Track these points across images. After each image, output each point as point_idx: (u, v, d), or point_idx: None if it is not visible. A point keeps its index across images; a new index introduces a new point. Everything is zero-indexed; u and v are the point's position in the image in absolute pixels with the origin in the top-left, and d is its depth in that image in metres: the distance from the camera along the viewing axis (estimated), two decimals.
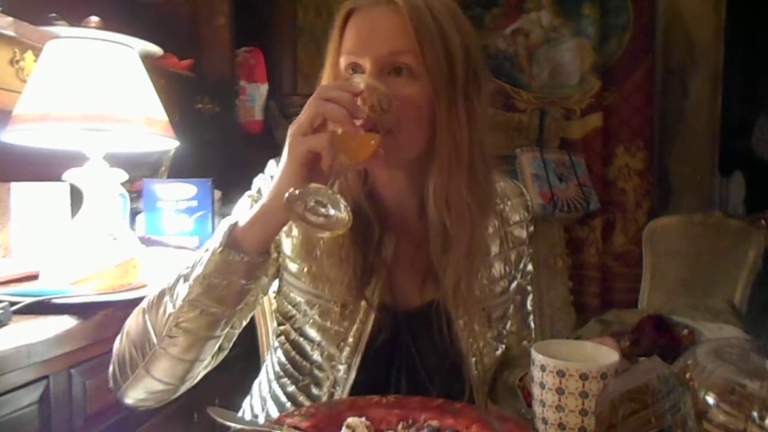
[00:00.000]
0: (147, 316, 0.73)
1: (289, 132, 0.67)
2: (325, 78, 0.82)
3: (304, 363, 0.86)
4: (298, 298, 0.85)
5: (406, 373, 0.85)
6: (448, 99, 0.76)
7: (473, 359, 0.86)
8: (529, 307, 0.98)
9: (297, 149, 0.66)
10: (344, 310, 0.82)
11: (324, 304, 0.83)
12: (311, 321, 0.84)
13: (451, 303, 0.83)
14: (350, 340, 0.82)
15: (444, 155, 0.77)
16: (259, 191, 0.88)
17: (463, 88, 0.77)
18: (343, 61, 0.79)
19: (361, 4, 0.79)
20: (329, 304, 0.82)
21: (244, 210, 0.85)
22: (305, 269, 0.84)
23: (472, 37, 0.81)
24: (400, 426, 0.68)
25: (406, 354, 0.85)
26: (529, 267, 0.97)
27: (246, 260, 0.70)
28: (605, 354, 0.67)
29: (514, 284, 0.93)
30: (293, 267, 0.85)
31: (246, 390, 0.99)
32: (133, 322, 0.75)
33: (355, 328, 0.82)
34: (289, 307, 0.87)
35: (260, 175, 0.90)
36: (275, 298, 0.92)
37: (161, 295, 0.73)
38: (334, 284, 0.82)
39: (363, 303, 0.82)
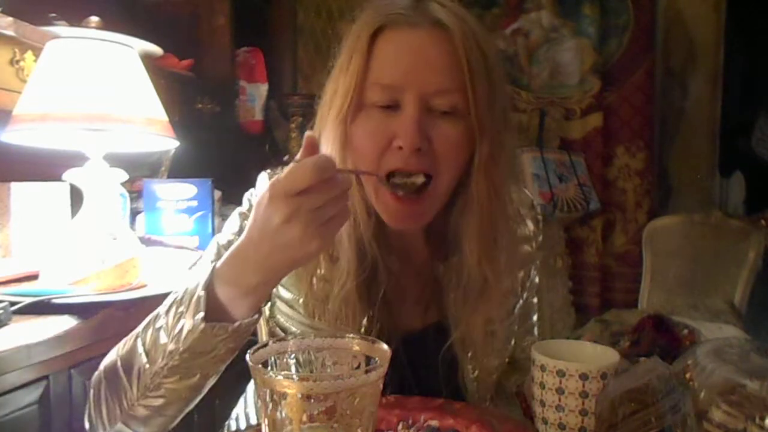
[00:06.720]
0: (121, 366, 0.64)
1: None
2: (338, 106, 0.69)
3: None
4: (292, 328, 0.80)
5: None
6: (490, 139, 0.69)
7: (473, 377, 0.80)
8: (534, 319, 0.95)
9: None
10: None
11: (318, 335, 0.78)
12: None
13: (466, 342, 0.78)
14: None
15: (483, 197, 0.71)
16: (250, 209, 0.79)
17: (500, 124, 0.71)
18: (375, 95, 0.68)
19: (397, 21, 0.68)
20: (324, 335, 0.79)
21: (231, 234, 0.77)
22: (300, 300, 0.78)
23: (502, 65, 0.73)
24: (400, 426, 0.68)
25: (404, 379, 0.79)
26: (536, 280, 0.92)
27: (235, 327, 0.59)
28: (605, 354, 0.67)
29: (519, 304, 0.88)
30: (287, 295, 0.80)
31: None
32: (109, 365, 0.66)
33: None
34: (281, 332, 0.82)
35: (251, 190, 0.84)
36: (266, 321, 0.85)
37: (132, 353, 0.63)
38: (333, 319, 0.76)
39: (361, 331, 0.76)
